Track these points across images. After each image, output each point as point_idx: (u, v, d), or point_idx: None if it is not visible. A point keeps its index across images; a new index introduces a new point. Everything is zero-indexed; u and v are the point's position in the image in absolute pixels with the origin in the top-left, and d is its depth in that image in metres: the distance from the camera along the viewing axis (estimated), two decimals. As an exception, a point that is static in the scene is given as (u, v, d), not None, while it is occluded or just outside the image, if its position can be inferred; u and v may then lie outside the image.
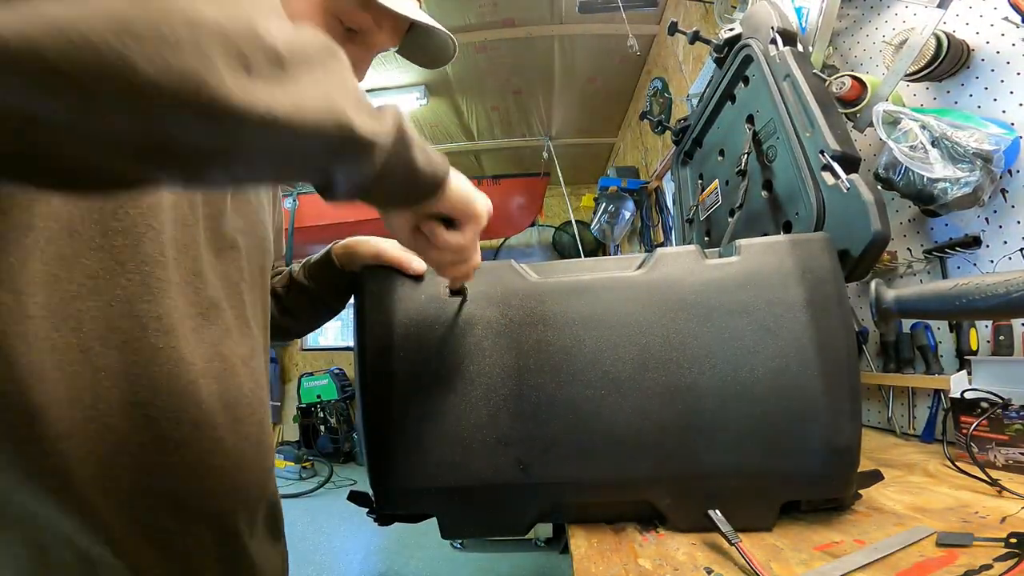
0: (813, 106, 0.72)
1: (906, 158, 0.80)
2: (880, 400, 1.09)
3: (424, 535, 3.07)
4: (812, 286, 0.56)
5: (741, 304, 0.57)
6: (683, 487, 0.56)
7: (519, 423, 0.58)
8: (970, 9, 0.88)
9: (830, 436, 0.53)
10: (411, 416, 0.59)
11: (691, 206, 1.20)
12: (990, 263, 0.85)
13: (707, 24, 2.24)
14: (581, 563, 0.51)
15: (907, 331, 1.00)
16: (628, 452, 0.56)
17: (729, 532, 0.51)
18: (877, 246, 0.59)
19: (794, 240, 0.58)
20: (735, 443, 0.55)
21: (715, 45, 1.00)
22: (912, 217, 1.00)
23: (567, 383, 0.58)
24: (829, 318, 0.55)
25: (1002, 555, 0.46)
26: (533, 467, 0.57)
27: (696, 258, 0.60)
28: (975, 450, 0.74)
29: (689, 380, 0.56)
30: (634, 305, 0.59)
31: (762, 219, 0.87)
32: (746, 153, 0.88)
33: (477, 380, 0.59)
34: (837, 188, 0.65)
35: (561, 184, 4.28)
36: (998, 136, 0.77)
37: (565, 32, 2.97)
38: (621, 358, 0.57)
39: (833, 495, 0.56)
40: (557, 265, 0.64)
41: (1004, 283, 0.48)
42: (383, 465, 0.60)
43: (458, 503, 0.59)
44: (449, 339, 0.60)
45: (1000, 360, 0.80)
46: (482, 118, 4.01)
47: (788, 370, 0.54)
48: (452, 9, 2.76)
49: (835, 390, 0.54)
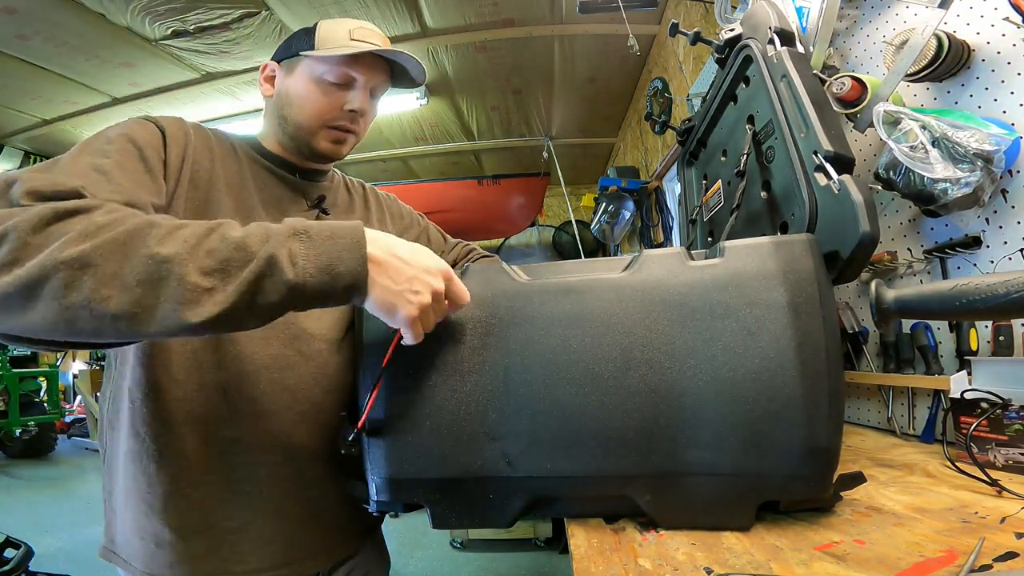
0: (808, 107, 0.72)
1: (906, 158, 0.80)
2: (880, 400, 1.09)
3: (424, 535, 3.07)
4: (794, 288, 0.56)
5: (723, 305, 0.57)
6: (662, 484, 0.58)
7: (505, 419, 0.60)
8: (971, 9, 0.88)
9: (808, 437, 0.54)
10: (405, 410, 0.62)
11: (695, 207, 1.20)
12: (990, 263, 0.85)
13: (708, 24, 2.24)
14: (581, 563, 0.52)
15: (907, 331, 1.00)
16: (610, 449, 0.58)
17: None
18: (866, 247, 0.59)
19: (777, 242, 0.58)
20: (714, 442, 0.56)
21: (716, 46, 1.00)
22: (912, 217, 1.00)
23: (552, 381, 0.59)
24: (810, 320, 0.55)
25: (1002, 555, 0.46)
26: (518, 461, 0.59)
27: (681, 260, 0.60)
28: (975, 450, 0.74)
29: (670, 380, 0.57)
30: (619, 306, 0.60)
31: (761, 220, 0.87)
32: (745, 154, 0.88)
33: (467, 377, 0.61)
34: (829, 189, 0.65)
35: (561, 184, 4.29)
36: (998, 136, 0.77)
37: (565, 32, 2.98)
38: (605, 357, 0.58)
39: (811, 496, 0.56)
40: (547, 267, 0.65)
41: (1004, 283, 0.48)
42: (378, 457, 0.62)
43: (447, 494, 0.62)
44: (441, 337, 0.61)
45: (1000, 360, 0.80)
46: (482, 118, 4.01)
47: (768, 371, 0.55)
48: (452, 9, 2.76)
49: (814, 391, 0.54)
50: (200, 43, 2.85)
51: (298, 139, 0.82)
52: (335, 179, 0.94)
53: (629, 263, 0.62)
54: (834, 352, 0.55)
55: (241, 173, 0.79)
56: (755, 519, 0.57)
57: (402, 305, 0.54)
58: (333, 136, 0.82)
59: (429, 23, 2.86)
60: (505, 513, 0.61)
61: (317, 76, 0.79)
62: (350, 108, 0.80)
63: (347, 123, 0.82)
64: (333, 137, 0.82)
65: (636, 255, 0.62)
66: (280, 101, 0.82)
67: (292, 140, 0.82)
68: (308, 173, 0.87)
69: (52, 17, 2.54)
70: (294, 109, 0.80)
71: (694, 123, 1.20)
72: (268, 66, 0.84)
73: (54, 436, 5.57)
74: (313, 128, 0.80)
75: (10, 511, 3.63)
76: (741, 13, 1.34)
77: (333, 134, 0.82)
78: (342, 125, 0.81)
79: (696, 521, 0.58)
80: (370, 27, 0.82)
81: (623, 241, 4.12)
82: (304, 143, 0.82)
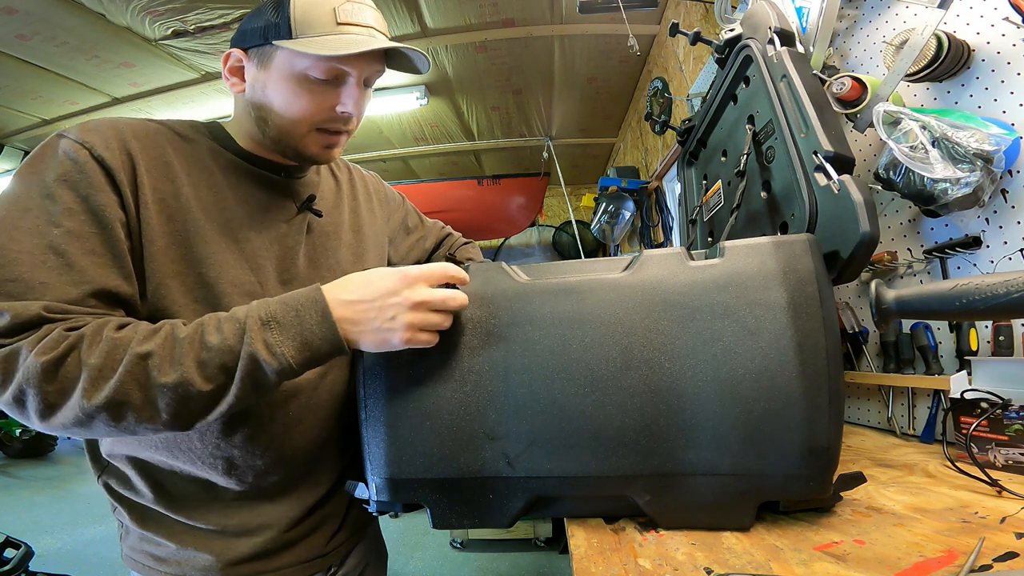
0: (808, 107, 0.72)
1: (906, 158, 0.80)
2: (880, 400, 1.09)
3: (424, 535, 3.07)
4: (794, 288, 0.56)
5: (723, 305, 0.57)
6: (662, 484, 0.58)
7: (505, 419, 0.60)
8: (971, 9, 0.88)
9: (808, 437, 0.54)
10: (405, 411, 0.62)
11: (695, 207, 1.20)
12: (990, 263, 0.85)
13: (708, 24, 2.24)
14: (581, 563, 0.52)
15: (907, 331, 1.00)
16: (610, 449, 0.58)
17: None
18: (866, 247, 0.59)
19: (777, 242, 0.58)
20: (714, 442, 0.56)
21: (716, 46, 1.00)
22: (912, 217, 1.00)
23: (552, 381, 0.59)
24: (810, 320, 0.55)
25: (1002, 555, 0.46)
26: (518, 461, 0.59)
27: (680, 260, 0.60)
28: (975, 450, 0.74)
29: (670, 380, 0.57)
30: (619, 306, 0.60)
31: (761, 220, 0.87)
32: (745, 154, 0.88)
33: (467, 377, 0.61)
34: (829, 189, 0.65)
35: (561, 184, 4.28)
36: (998, 136, 0.77)
37: (565, 32, 2.97)
38: (605, 357, 0.58)
39: (811, 496, 0.56)
40: (548, 267, 0.65)
41: (1004, 283, 0.48)
42: (378, 457, 0.62)
43: (447, 494, 0.62)
44: (442, 337, 0.61)
45: (1000, 360, 0.80)
46: (482, 118, 4.01)
47: (768, 371, 0.55)
48: (452, 9, 2.75)
49: (814, 391, 0.54)
50: (200, 43, 2.85)
51: (282, 143, 0.71)
52: (320, 166, 0.85)
53: (629, 263, 0.62)
54: (834, 352, 0.55)
55: (215, 186, 0.69)
56: (755, 519, 0.57)
57: (390, 336, 0.57)
58: (324, 140, 0.72)
59: (429, 23, 2.86)
60: (505, 513, 0.61)
61: (299, 72, 0.66)
62: (343, 111, 0.69)
63: (339, 125, 0.71)
64: (324, 142, 0.72)
65: (636, 255, 0.62)
66: (256, 101, 0.70)
67: (276, 144, 0.71)
68: (294, 169, 0.78)
69: (52, 17, 2.54)
70: (275, 112, 0.68)
71: (694, 123, 1.20)
72: (231, 55, 0.70)
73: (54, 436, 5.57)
74: (300, 132, 0.70)
75: (10, 511, 3.63)
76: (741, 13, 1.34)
77: (324, 138, 0.71)
78: (334, 128, 0.71)
79: (696, 521, 0.58)
80: (359, 0, 0.68)
81: (623, 241, 4.12)
82: (290, 147, 0.71)
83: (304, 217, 0.78)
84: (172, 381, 0.52)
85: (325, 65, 0.66)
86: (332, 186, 0.88)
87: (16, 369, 0.50)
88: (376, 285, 0.58)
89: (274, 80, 0.68)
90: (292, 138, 0.71)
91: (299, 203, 0.78)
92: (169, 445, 0.66)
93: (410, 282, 0.58)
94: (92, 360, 0.51)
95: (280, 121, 0.69)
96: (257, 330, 0.55)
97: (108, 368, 0.51)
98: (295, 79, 0.67)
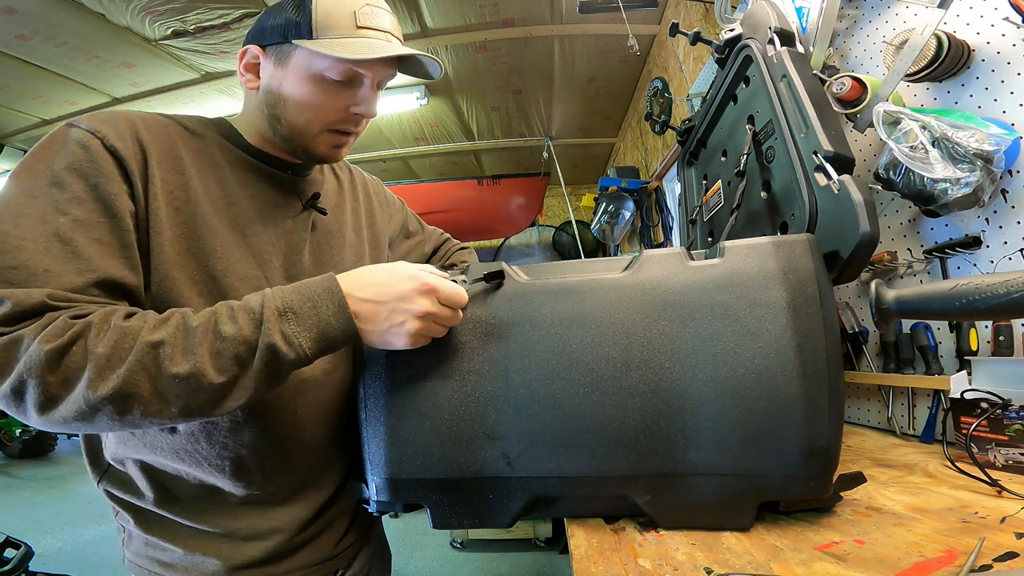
0: (808, 107, 0.72)
1: (906, 158, 0.80)
2: (880, 400, 1.09)
3: (424, 535, 3.07)
4: (794, 288, 0.56)
5: (723, 305, 0.57)
6: (662, 484, 0.58)
7: (505, 419, 0.60)
8: (971, 9, 0.88)
9: (808, 437, 0.54)
10: (405, 410, 0.62)
11: (695, 207, 1.20)
12: (990, 263, 0.85)
13: (708, 24, 2.24)
14: (581, 563, 0.52)
15: (907, 331, 1.00)
16: (610, 449, 0.58)
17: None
18: (866, 247, 0.59)
19: (777, 242, 0.58)
20: (714, 443, 0.56)
21: (716, 46, 1.00)
22: (912, 217, 1.00)
23: (552, 381, 0.59)
24: (810, 320, 0.55)
25: (1002, 555, 0.46)
26: (518, 461, 0.59)
27: (680, 260, 0.60)
28: (975, 450, 0.74)
29: (670, 380, 0.57)
30: (619, 306, 0.60)
31: (761, 220, 0.87)
32: (745, 154, 0.88)
33: (467, 377, 0.61)
34: (829, 189, 0.65)
35: (561, 184, 4.28)
36: (998, 136, 0.77)
37: (565, 32, 2.97)
38: (605, 357, 0.59)
39: (811, 496, 0.56)
40: (547, 267, 0.65)
41: (1004, 283, 0.48)
42: (378, 457, 0.63)
43: (447, 494, 0.62)
44: (442, 337, 0.62)
45: (1000, 360, 0.80)
46: (482, 118, 4.01)
47: (768, 371, 0.55)
48: (452, 9, 2.75)
49: (814, 391, 0.54)
50: (200, 43, 2.84)
51: (293, 142, 0.73)
52: (323, 166, 0.87)
53: (629, 263, 0.62)
54: (834, 352, 0.55)
55: (223, 181, 0.70)
56: (755, 519, 0.57)
57: (393, 339, 0.59)
58: (334, 140, 0.74)
59: (429, 23, 2.85)
60: (505, 513, 0.61)
61: (317, 72, 0.68)
62: (356, 112, 0.72)
63: (351, 126, 0.74)
64: (334, 142, 0.74)
65: (636, 255, 0.62)
66: (271, 98, 0.71)
67: (286, 142, 0.73)
68: (300, 167, 0.79)
69: (52, 17, 2.54)
70: (289, 111, 0.70)
71: (694, 123, 1.20)
72: (248, 52, 0.70)
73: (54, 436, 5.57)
74: (313, 132, 0.71)
75: (10, 511, 3.63)
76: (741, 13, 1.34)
77: (335, 138, 0.73)
78: (345, 128, 0.73)
79: (696, 521, 0.58)
80: (378, 4, 0.70)
81: (623, 241, 4.12)
82: (300, 146, 0.73)
83: (309, 215, 0.79)
84: (184, 371, 0.51)
85: (343, 67, 0.68)
86: (335, 186, 0.89)
87: (17, 358, 0.48)
88: (393, 288, 0.58)
89: (291, 78, 0.69)
90: (304, 137, 0.72)
91: (304, 201, 0.79)
92: (175, 448, 0.65)
93: (426, 291, 0.58)
94: (100, 349, 0.49)
95: (294, 119, 0.70)
96: (275, 320, 0.54)
97: (116, 358, 0.49)
98: (312, 79, 0.68)
